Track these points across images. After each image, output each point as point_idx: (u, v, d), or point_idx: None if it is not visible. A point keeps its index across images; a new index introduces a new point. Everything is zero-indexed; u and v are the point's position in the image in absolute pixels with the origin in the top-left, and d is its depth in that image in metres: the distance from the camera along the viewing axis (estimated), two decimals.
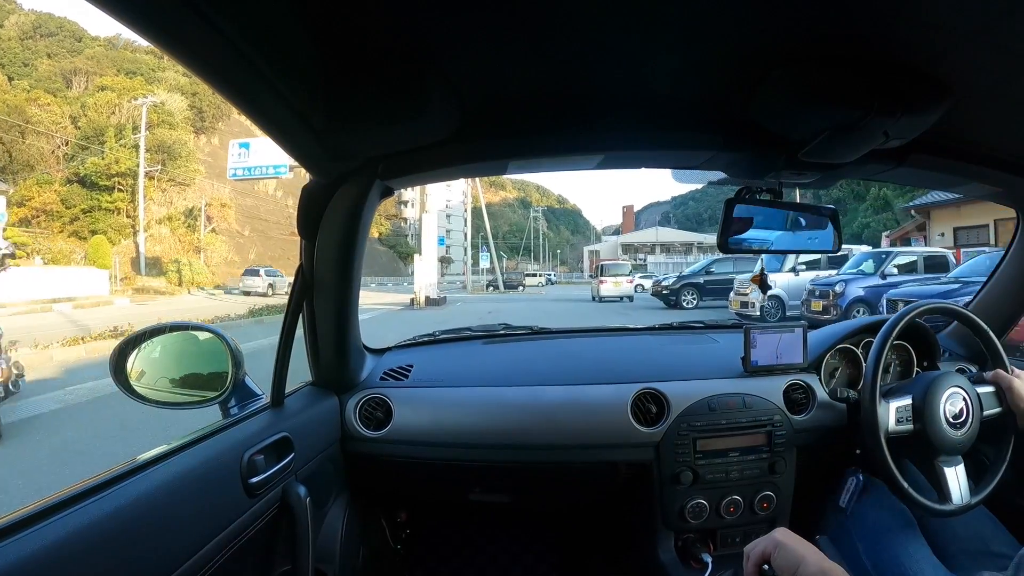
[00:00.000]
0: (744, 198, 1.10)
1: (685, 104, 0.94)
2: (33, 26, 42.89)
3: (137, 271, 31.14)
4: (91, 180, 32.02)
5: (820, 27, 0.70)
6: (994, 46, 0.69)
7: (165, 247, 34.60)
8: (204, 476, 0.79)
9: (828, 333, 1.50)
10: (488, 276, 37.12)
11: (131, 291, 25.81)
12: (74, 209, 31.64)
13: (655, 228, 66.64)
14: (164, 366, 1.08)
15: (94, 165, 32.04)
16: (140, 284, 28.86)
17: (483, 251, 37.48)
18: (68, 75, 38.91)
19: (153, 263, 32.65)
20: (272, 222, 44.43)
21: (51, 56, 40.12)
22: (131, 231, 32.48)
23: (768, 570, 0.77)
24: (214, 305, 18.42)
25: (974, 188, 1.23)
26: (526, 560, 1.83)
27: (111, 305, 19.45)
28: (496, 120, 0.95)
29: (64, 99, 35.49)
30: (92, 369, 6.90)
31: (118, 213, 32.74)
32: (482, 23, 0.68)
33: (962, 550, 1.13)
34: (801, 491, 1.38)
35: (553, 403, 1.33)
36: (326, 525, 1.23)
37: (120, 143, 32.62)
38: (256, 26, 0.57)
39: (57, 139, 32.99)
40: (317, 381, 1.28)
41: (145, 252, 32.06)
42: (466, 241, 39.75)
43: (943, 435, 1.15)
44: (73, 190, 32.17)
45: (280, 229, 44.26)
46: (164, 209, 35.80)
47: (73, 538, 0.57)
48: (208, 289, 31.15)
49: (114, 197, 32.39)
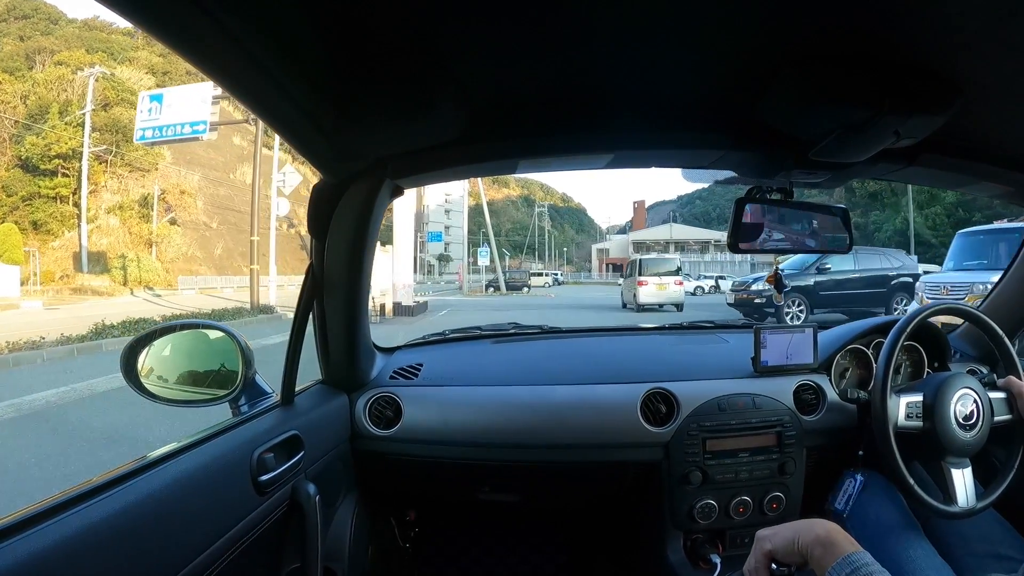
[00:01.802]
0: (754, 198, 1.09)
1: (695, 104, 0.93)
2: (7, 8, 40.47)
3: (79, 268, 27.45)
4: (32, 163, 28.01)
5: (829, 26, 0.69)
6: (1005, 44, 0.69)
7: (113, 240, 30.38)
8: (214, 474, 0.80)
9: (838, 333, 1.50)
10: (489, 275, 32.81)
11: (68, 291, 23.30)
12: (14, 197, 27.95)
13: (668, 224, 63.03)
14: (175, 364, 1.09)
15: (33, 146, 27.79)
16: (79, 283, 25.39)
17: (483, 248, 32.63)
18: (32, 54, 35.90)
19: (97, 259, 28.52)
20: (247, 213, 38.36)
21: (24, 39, 37.26)
22: (76, 222, 28.55)
23: (777, 570, 0.74)
24: (145, 309, 14.32)
25: (984, 188, 1.22)
26: (534, 560, 1.83)
27: (16, 309, 16.87)
28: (506, 120, 0.95)
29: (20, 78, 32.18)
30: None
31: (61, 201, 28.67)
32: (492, 23, 0.68)
33: (969, 552, 1.11)
34: (810, 492, 1.38)
35: (562, 402, 1.33)
36: (335, 523, 1.24)
37: (65, 120, 28.18)
38: (266, 26, 0.57)
39: (7, 120, 29.12)
40: (327, 380, 1.28)
41: (88, 245, 28.13)
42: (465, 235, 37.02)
43: (952, 435, 1.14)
44: (14, 175, 28.38)
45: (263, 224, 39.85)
46: (119, 198, 31.77)
47: (84, 534, 0.57)
48: (157, 289, 27.06)
49: (56, 183, 28.20)
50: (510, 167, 1.09)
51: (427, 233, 49.06)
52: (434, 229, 45.14)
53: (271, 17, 0.57)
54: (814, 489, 1.38)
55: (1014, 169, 1.10)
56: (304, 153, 0.86)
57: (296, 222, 43.09)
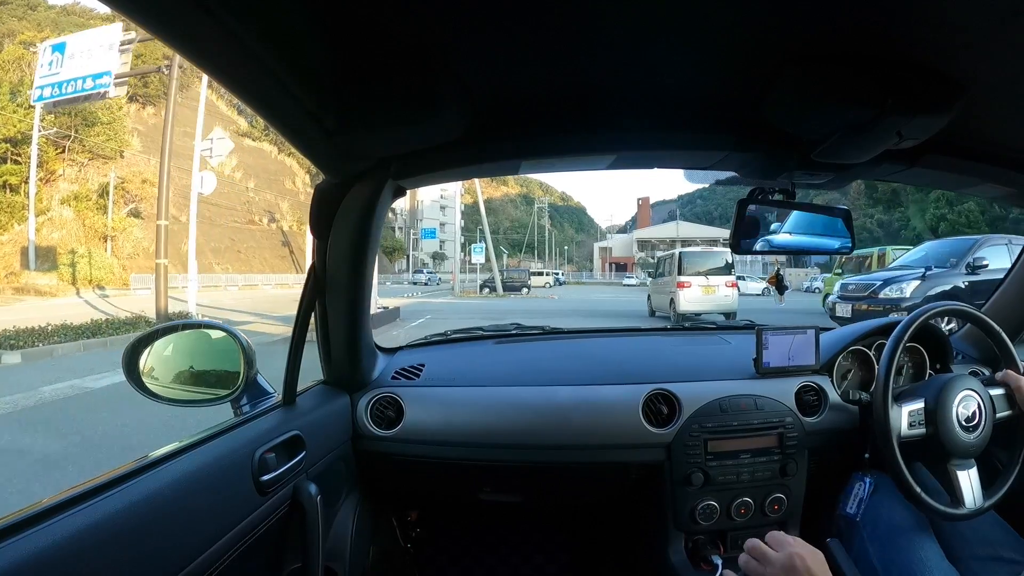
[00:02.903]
0: (757, 198, 1.10)
1: (697, 104, 0.93)
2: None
3: (26, 265, 23.99)
4: None
5: (832, 25, 0.69)
6: (1009, 43, 0.69)
7: (66, 234, 26.74)
8: (216, 473, 0.80)
9: (840, 335, 1.50)
10: (485, 275, 29.60)
11: (11, 291, 20.82)
12: None
13: (675, 222, 59.96)
14: (176, 364, 1.09)
15: None
16: (24, 282, 22.47)
17: (478, 244, 28.71)
18: (2, 38, 32.53)
19: (47, 254, 24.97)
20: (224, 207, 36.04)
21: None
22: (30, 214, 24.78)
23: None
24: (68, 314, 10.47)
25: (986, 189, 1.22)
26: (536, 560, 1.83)
27: None
28: (508, 120, 0.95)
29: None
30: None
31: (11, 191, 25.34)
32: (494, 24, 0.68)
33: (972, 555, 1.11)
34: (812, 494, 1.38)
35: (564, 403, 1.33)
36: (336, 524, 1.24)
37: (15, 102, 24.53)
38: (269, 27, 0.57)
39: None
40: (329, 380, 1.29)
41: (37, 240, 24.60)
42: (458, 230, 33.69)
43: (956, 439, 1.14)
44: None
45: (234, 216, 37.00)
46: (76, 187, 28.30)
47: (86, 533, 0.57)
48: (109, 288, 24.17)
49: (3, 170, 24.99)
50: (512, 168, 1.09)
51: (420, 230, 45.99)
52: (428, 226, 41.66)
53: (274, 17, 0.57)
54: (816, 491, 1.38)
55: (1017, 170, 1.10)
56: (307, 153, 0.86)
57: (278, 216, 40.77)
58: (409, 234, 54.21)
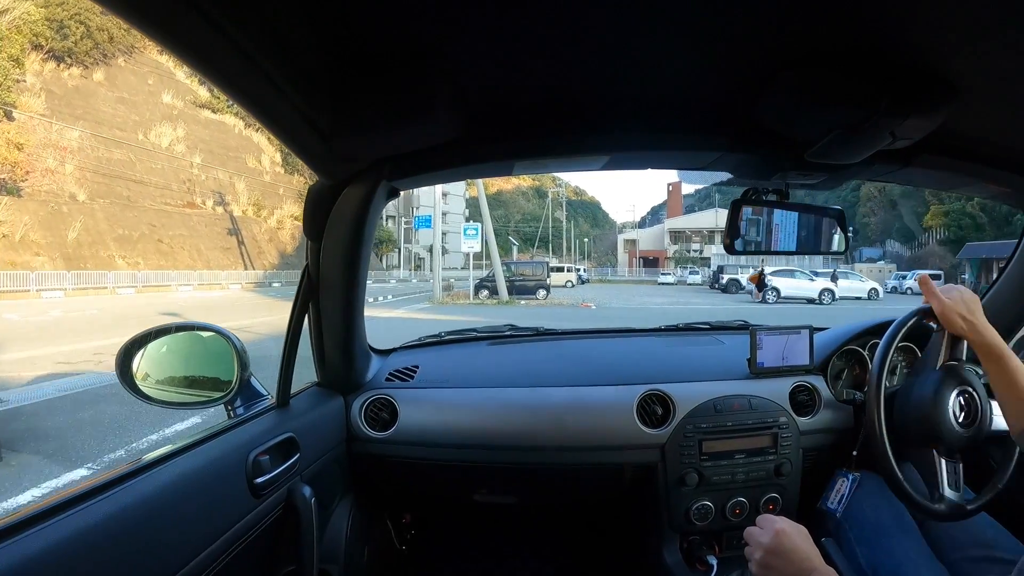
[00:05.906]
0: (751, 199, 1.09)
1: (691, 105, 0.94)
2: None
3: None
4: None
5: (826, 27, 0.69)
6: (1002, 45, 0.69)
7: None
8: (210, 476, 0.80)
9: (834, 335, 1.50)
10: (484, 272, 22.82)
11: None
12: None
13: (714, 210, 50.72)
14: (170, 366, 1.08)
15: None
16: None
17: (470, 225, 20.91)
18: None
19: None
20: (151, 185, 28.22)
21: None
22: None
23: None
24: None
25: (981, 189, 1.23)
26: (531, 562, 1.83)
27: None
28: (502, 121, 0.96)
29: None
30: None
31: None
32: (488, 25, 0.68)
33: (965, 557, 1.11)
34: (807, 493, 1.37)
35: (558, 404, 1.33)
36: (331, 525, 1.24)
37: None
38: (263, 29, 0.57)
39: None
40: (323, 382, 1.29)
41: None
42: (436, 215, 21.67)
43: (949, 435, 1.13)
44: None
45: (166, 196, 28.60)
46: None
47: (79, 537, 0.57)
48: None
49: None
50: (506, 168, 1.09)
51: (413, 218, 35.51)
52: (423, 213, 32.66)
53: (268, 20, 0.57)
54: (810, 491, 1.38)
55: (1011, 170, 1.10)
56: (301, 155, 0.85)
57: (229, 199, 32.90)
58: (401, 224, 47.33)
